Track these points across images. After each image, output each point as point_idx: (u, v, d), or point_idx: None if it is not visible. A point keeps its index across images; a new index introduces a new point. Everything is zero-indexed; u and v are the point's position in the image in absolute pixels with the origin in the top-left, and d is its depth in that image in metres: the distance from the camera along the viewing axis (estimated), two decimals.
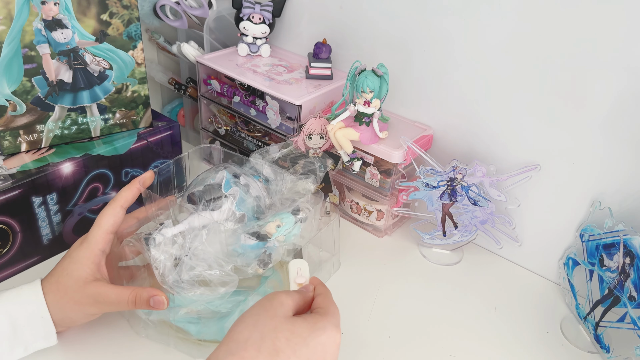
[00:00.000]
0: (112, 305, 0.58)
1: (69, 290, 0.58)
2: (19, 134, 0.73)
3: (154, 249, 0.60)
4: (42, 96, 0.72)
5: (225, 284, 0.60)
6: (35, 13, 0.68)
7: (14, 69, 0.69)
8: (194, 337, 0.63)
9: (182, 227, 0.62)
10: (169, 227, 0.62)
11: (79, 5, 0.70)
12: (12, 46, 0.67)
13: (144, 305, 0.58)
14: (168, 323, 0.64)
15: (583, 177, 0.72)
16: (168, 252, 0.60)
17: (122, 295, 0.58)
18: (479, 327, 0.72)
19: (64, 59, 0.72)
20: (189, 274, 0.59)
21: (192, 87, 1.03)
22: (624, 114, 0.66)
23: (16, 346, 0.57)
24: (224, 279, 0.59)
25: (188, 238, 0.60)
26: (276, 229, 0.61)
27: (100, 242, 0.61)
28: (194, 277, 0.59)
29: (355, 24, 0.87)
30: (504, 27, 0.71)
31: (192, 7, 0.96)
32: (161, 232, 0.61)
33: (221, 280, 0.59)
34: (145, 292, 0.58)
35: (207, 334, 0.63)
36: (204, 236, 0.60)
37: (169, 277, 0.59)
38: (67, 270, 0.59)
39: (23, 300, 0.57)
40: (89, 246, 0.60)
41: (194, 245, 0.60)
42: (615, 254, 0.65)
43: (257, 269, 0.61)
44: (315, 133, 0.80)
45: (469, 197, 0.77)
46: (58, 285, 0.58)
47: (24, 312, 0.57)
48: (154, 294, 0.58)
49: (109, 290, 0.58)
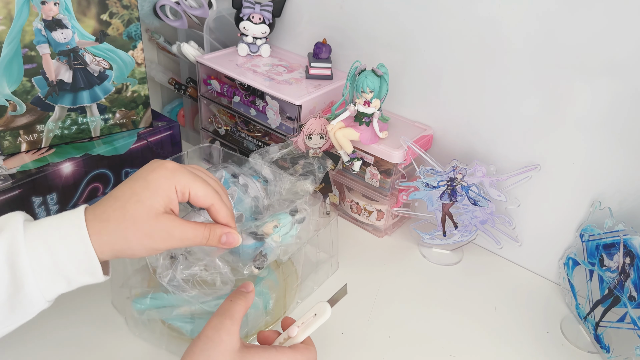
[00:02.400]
0: (185, 241, 0.52)
1: (138, 220, 0.49)
2: (19, 134, 0.73)
3: None
4: (42, 96, 0.72)
5: (222, 284, 0.60)
6: (35, 13, 0.68)
7: (14, 69, 0.69)
8: (187, 336, 0.63)
9: None
10: None
11: (79, 5, 0.70)
12: (12, 46, 0.67)
13: (215, 242, 0.53)
14: (162, 322, 0.64)
15: (583, 177, 0.72)
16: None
17: (197, 231, 0.52)
18: (479, 327, 0.72)
19: (64, 59, 0.72)
20: (185, 273, 0.59)
21: (192, 87, 1.03)
22: (624, 114, 0.66)
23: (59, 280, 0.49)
24: (220, 279, 0.59)
25: None
26: (273, 229, 0.61)
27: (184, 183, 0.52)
28: (190, 276, 0.59)
29: (355, 24, 0.87)
30: (504, 27, 0.71)
31: (192, 7, 0.96)
32: None
33: (217, 281, 0.59)
34: (219, 229, 0.53)
35: None
36: None
37: (164, 276, 0.58)
38: (139, 196, 0.50)
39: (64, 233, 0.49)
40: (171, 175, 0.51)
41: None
42: (615, 254, 0.65)
43: (253, 270, 0.61)
44: (315, 133, 0.80)
45: (469, 197, 0.76)
46: (124, 213, 0.49)
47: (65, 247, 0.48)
48: (227, 231, 0.54)
49: (185, 225, 0.51)
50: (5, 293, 0.45)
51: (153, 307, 0.63)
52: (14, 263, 0.45)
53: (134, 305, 0.63)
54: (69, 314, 0.67)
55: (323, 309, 0.56)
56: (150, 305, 0.63)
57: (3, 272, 0.45)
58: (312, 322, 0.55)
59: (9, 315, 0.46)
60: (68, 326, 0.66)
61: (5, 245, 0.46)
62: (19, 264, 0.45)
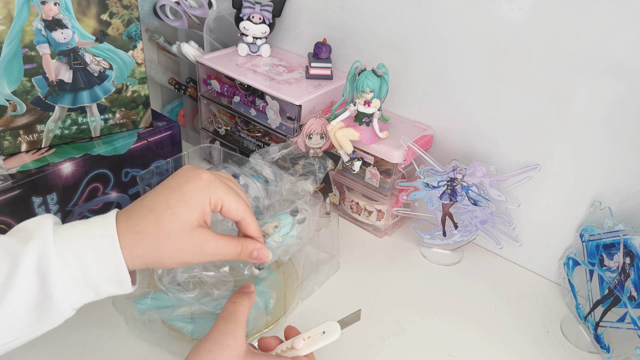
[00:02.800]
0: (217, 256, 0.51)
1: (172, 235, 0.48)
2: (19, 134, 0.73)
3: None
4: (42, 96, 0.72)
5: (222, 285, 0.59)
6: (35, 13, 0.67)
7: (14, 69, 0.69)
8: (188, 337, 0.63)
9: None
10: None
11: (79, 5, 0.70)
12: (12, 46, 0.67)
13: (246, 257, 0.53)
14: (162, 322, 0.64)
15: (583, 177, 0.72)
16: None
17: (230, 246, 0.51)
18: (479, 327, 0.72)
19: (64, 59, 0.72)
20: (184, 276, 0.59)
21: (192, 87, 1.03)
22: (624, 114, 0.66)
23: (87, 290, 0.48)
24: (220, 280, 0.59)
25: None
26: (274, 229, 0.61)
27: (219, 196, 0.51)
28: (190, 278, 0.59)
29: (355, 24, 0.87)
30: (504, 27, 0.71)
31: (192, 7, 0.96)
32: None
33: (217, 282, 0.59)
34: (250, 244, 0.53)
35: (202, 333, 0.63)
36: None
37: (164, 278, 0.58)
38: (174, 209, 0.48)
39: (95, 244, 0.48)
40: (206, 187, 0.50)
41: None
42: (615, 254, 0.65)
43: (253, 270, 0.61)
44: (315, 133, 0.80)
45: (469, 197, 0.77)
46: (158, 225, 0.48)
47: (96, 259, 0.47)
48: (259, 247, 0.54)
49: (217, 240, 0.50)
50: (33, 302, 0.45)
51: (153, 307, 0.63)
52: (44, 274, 0.45)
53: (135, 306, 0.63)
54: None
55: (333, 328, 0.55)
56: (150, 306, 0.63)
57: (32, 282, 0.45)
58: (319, 340, 0.55)
59: (35, 323, 0.46)
60: (68, 326, 0.65)
61: (36, 255, 0.45)
62: (49, 275, 0.45)
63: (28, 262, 0.45)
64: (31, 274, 0.45)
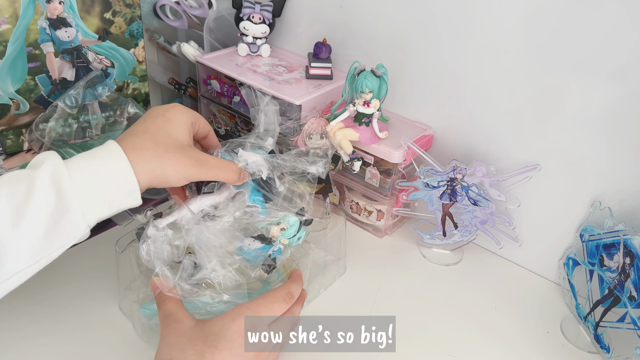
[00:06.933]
0: (213, 169, 0.57)
1: (169, 148, 0.53)
2: (21, 132, 0.73)
3: (145, 245, 0.56)
4: (45, 95, 0.73)
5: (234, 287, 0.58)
6: (40, 12, 0.68)
7: (19, 68, 0.69)
8: None
9: (178, 215, 0.59)
10: (164, 217, 0.59)
11: (83, 3, 0.70)
12: (17, 45, 0.67)
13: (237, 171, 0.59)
14: None
15: (583, 177, 0.72)
16: (163, 251, 0.57)
17: (221, 160, 0.58)
18: (479, 327, 0.72)
19: (67, 57, 0.72)
20: (192, 280, 0.57)
21: (192, 87, 1.03)
22: (624, 114, 0.66)
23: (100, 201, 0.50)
24: (229, 283, 0.58)
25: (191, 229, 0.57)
26: (280, 232, 0.61)
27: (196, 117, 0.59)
28: (196, 281, 0.58)
29: (355, 24, 0.87)
30: (504, 27, 0.71)
31: (192, 7, 0.96)
32: (155, 224, 0.58)
33: (226, 284, 0.58)
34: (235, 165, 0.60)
35: None
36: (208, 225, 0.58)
37: (169, 282, 0.57)
38: (165, 129, 0.55)
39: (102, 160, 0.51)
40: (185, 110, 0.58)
41: (199, 236, 0.57)
42: (616, 254, 0.65)
43: (262, 274, 0.60)
44: (315, 133, 0.80)
45: (469, 197, 0.77)
46: (156, 142, 0.53)
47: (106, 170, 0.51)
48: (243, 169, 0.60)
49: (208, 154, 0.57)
50: (50, 218, 0.47)
51: None
52: (59, 187, 0.47)
53: (142, 311, 0.62)
54: (76, 320, 0.67)
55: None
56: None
57: (49, 196, 0.47)
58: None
59: (53, 241, 0.48)
60: (76, 331, 0.65)
61: (49, 173, 0.48)
62: (63, 187, 0.48)
63: (43, 179, 0.47)
64: (47, 188, 0.47)
